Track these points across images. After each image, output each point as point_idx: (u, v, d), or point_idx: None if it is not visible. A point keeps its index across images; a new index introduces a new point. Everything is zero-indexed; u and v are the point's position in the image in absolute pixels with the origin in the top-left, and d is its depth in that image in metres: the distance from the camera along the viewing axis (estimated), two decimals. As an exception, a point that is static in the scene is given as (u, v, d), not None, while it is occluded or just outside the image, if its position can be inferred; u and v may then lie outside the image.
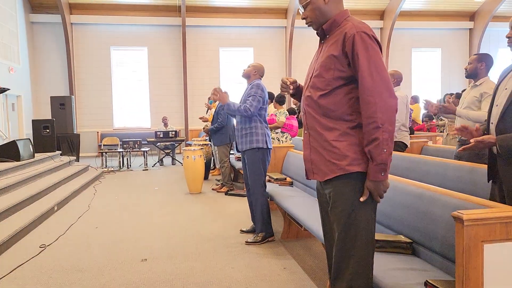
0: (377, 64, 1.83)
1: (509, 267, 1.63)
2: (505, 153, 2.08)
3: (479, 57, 3.81)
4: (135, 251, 3.99)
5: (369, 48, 1.84)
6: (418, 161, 4.22)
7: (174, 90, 13.95)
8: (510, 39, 2.22)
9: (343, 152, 1.92)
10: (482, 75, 3.78)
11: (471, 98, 3.78)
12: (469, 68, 3.80)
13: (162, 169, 10.08)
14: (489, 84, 3.72)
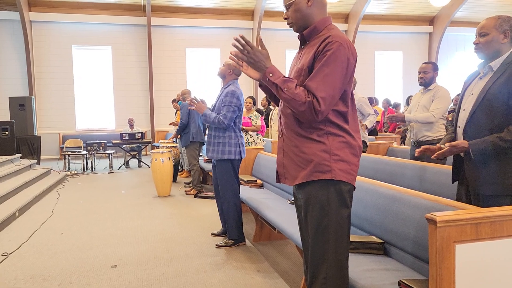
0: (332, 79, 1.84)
1: (479, 266, 1.70)
2: (477, 156, 2.17)
3: (434, 66, 4.13)
4: (104, 258, 3.89)
5: (335, 62, 1.84)
6: (385, 162, 4.34)
7: (140, 91, 13.70)
8: (477, 45, 2.31)
9: (310, 158, 1.94)
10: (434, 81, 4.11)
11: (425, 101, 4.06)
12: (426, 77, 4.08)
13: (128, 172, 9.87)
14: (439, 88, 4.05)
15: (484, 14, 15.54)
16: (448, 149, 2.25)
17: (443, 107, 3.93)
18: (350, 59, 1.88)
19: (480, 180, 2.22)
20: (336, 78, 1.84)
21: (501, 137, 2.11)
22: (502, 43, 2.27)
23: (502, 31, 2.25)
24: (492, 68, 2.28)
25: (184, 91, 7.35)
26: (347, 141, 1.94)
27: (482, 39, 2.31)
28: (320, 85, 1.83)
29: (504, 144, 2.09)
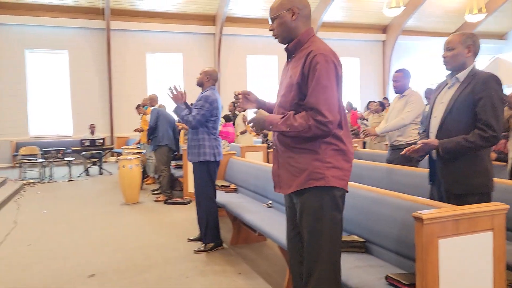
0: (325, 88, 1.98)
1: (458, 257, 1.89)
2: (446, 154, 2.39)
3: (405, 74, 4.33)
4: (80, 267, 3.83)
5: (328, 73, 1.98)
6: (354, 165, 4.55)
7: (99, 96, 13.36)
8: (445, 58, 2.54)
9: (304, 167, 2.06)
10: (407, 87, 4.30)
11: (399, 107, 4.27)
12: (398, 85, 4.29)
13: (89, 180, 9.61)
14: (412, 94, 4.24)
15: (431, 24, 16.52)
16: (421, 146, 2.47)
17: (414, 111, 4.12)
18: (337, 67, 2.02)
19: (451, 180, 2.44)
20: (332, 88, 1.97)
21: (466, 138, 2.34)
22: (466, 57, 2.51)
23: (466, 46, 2.49)
24: (458, 79, 2.52)
25: (152, 96, 7.31)
26: (340, 148, 2.07)
27: (449, 53, 2.53)
28: (321, 99, 1.95)
29: (468, 144, 2.33)
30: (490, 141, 2.31)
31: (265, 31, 14.97)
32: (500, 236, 1.96)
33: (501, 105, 2.36)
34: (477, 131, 2.33)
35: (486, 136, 2.30)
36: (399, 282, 2.06)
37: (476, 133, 2.34)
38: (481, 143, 2.31)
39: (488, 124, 2.30)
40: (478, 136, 2.31)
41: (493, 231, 1.95)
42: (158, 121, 6.71)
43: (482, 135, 2.30)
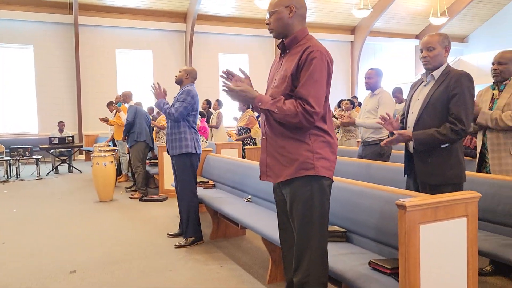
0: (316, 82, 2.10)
1: (437, 241, 2.04)
2: (419, 146, 2.55)
3: (378, 72, 4.50)
4: (59, 264, 3.79)
5: (321, 70, 2.10)
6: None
7: (67, 93, 13.04)
8: (426, 58, 2.69)
9: (295, 157, 2.17)
10: (378, 86, 4.46)
11: (371, 106, 4.44)
12: (370, 82, 4.46)
13: (59, 178, 9.40)
14: (384, 93, 4.42)
15: (397, 25, 17.07)
16: (396, 137, 2.63)
17: (389, 112, 4.32)
18: (330, 66, 2.16)
19: (427, 172, 2.61)
20: (323, 84, 2.11)
21: (438, 131, 2.52)
22: (444, 57, 2.69)
23: (443, 47, 2.66)
24: (434, 77, 2.69)
25: (126, 92, 7.23)
26: (327, 140, 2.20)
27: (430, 53, 2.68)
28: (312, 91, 2.08)
29: (440, 136, 2.51)
30: (460, 134, 2.50)
31: (237, 30, 15.11)
32: (473, 222, 2.12)
33: (472, 101, 2.55)
34: (448, 125, 2.51)
35: (456, 129, 2.48)
36: (382, 266, 2.19)
37: (447, 126, 2.51)
38: (451, 136, 2.50)
39: (458, 118, 2.49)
40: (449, 129, 2.49)
41: (467, 217, 2.11)
42: (136, 117, 6.67)
43: (453, 128, 2.49)
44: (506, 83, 3.14)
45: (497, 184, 2.85)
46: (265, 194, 3.91)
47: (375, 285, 2.06)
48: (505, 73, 3.12)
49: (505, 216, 2.75)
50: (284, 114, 2.09)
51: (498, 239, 2.65)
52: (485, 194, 2.81)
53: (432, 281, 2.02)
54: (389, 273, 2.15)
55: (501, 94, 3.15)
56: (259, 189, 4.06)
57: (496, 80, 3.19)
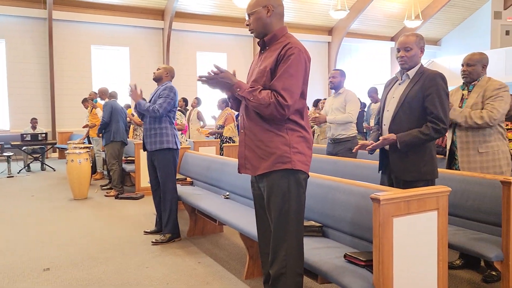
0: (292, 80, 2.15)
1: (409, 234, 2.12)
2: (404, 147, 2.62)
3: (341, 73, 4.77)
4: (32, 261, 3.72)
5: (298, 65, 2.16)
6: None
7: (40, 89, 12.73)
8: (403, 58, 2.76)
9: (273, 151, 2.22)
10: (342, 86, 4.69)
11: (338, 104, 4.65)
12: (335, 81, 4.70)
13: (31, 176, 9.18)
14: (348, 92, 4.67)
15: (373, 27, 17.37)
16: (381, 142, 2.69)
17: (356, 109, 4.54)
18: (307, 63, 2.22)
19: (402, 169, 2.69)
20: (298, 79, 2.16)
21: (421, 131, 2.60)
22: (419, 57, 2.78)
23: (419, 47, 2.75)
24: (409, 76, 2.77)
25: (103, 89, 7.11)
26: (304, 136, 2.25)
27: (407, 53, 2.76)
28: (286, 84, 2.13)
29: (424, 136, 2.59)
30: (442, 132, 2.60)
31: (215, 28, 15.06)
32: (443, 215, 2.21)
33: (447, 100, 2.64)
34: (430, 124, 2.59)
35: (438, 128, 2.58)
36: (357, 259, 2.25)
37: (429, 126, 2.60)
38: (434, 135, 2.59)
39: (439, 118, 2.58)
40: (431, 128, 2.58)
41: (438, 210, 2.20)
42: (112, 116, 6.58)
43: (435, 128, 2.58)
44: (474, 83, 3.26)
45: (466, 181, 2.96)
46: (243, 190, 3.94)
47: (350, 277, 2.12)
48: (474, 74, 3.23)
49: (474, 211, 2.86)
50: (258, 103, 2.14)
51: (467, 233, 2.76)
52: (455, 190, 2.92)
53: (404, 272, 2.09)
54: (364, 265, 2.21)
55: (469, 94, 3.26)
56: (237, 186, 4.08)
57: (465, 81, 3.30)
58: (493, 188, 2.75)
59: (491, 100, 3.10)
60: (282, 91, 2.12)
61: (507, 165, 3.15)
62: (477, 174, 2.96)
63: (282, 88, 2.13)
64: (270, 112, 2.13)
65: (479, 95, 3.18)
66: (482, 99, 3.15)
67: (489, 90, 3.14)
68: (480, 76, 3.23)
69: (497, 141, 3.17)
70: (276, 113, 2.13)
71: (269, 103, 2.12)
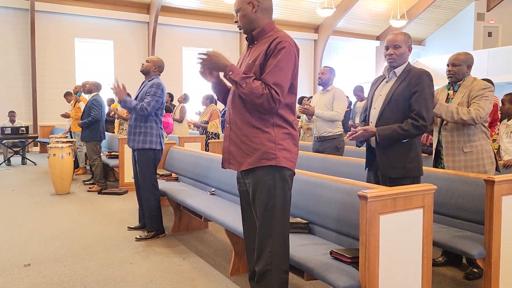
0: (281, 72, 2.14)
1: (395, 231, 2.13)
2: (382, 141, 2.63)
3: (331, 70, 4.76)
4: (12, 257, 3.64)
5: (288, 59, 2.15)
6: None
7: (20, 81, 12.44)
8: (392, 56, 2.78)
9: (257, 147, 2.21)
10: (330, 83, 4.67)
11: (325, 101, 4.65)
12: (324, 77, 4.70)
13: (11, 170, 8.98)
14: (336, 90, 4.66)
15: (359, 26, 17.47)
16: (361, 133, 2.70)
17: (343, 107, 4.54)
18: (296, 57, 2.21)
19: (388, 166, 2.71)
20: (288, 73, 2.15)
21: (401, 126, 2.63)
22: (407, 55, 2.80)
23: (407, 46, 2.77)
24: (396, 74, 2.79)
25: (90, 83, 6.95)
26: (290, 132, 2.25)
27: (396, 51, 2.78)
28: (277, 79, 2.12)
29: (402, 132, 2.62)
30: (421, 129, 2.61)
31: (201, 23, 14.94)
32: (429, 213, 2.23)
33: (431, 98, 2.66)
34: (410, 121, 2.61)
35: (418, 125, 2.59)
36: (343, 256, 2.26)
37: (409, 122, 2.61)
38: (413, 131, 2.61)
39: (420, 115, 2.60)
40: (411, 124, 2.60)
41: (424, 208, 2.22)
42: (101, 113, 6.47)
43: (415, 124, 2.59)
44: (460, 83, 3.29)
45: (450, 179, 3.00)
46: (229, 186, 3.92)
47: (336, 273, 2.12)
48: (459, 74, 3.27)
49: (458, 209, 2.90)
50: (251, 91, 2.11)
51: (451, 231, 2.79)
52: (439, 188, 2.95)
53: (389, 269, 2.11)
54: (350, 262, 2.22)
55: (455, 94, 3.30)
56: (223, 182, 4.06)
57: (450, 80, 3.34)
58: (477, 187, 2.79)
59: (477, 99, 3.14)
60: (273, 86, 2.11)
61: (490, 164, 3.19)
62: (461, 173, 2.99)
63: (274, 82, 2.11)
64: (261, 103, 2.11)
65: (465, 95, 3.21)
66: (467, 98, 3.19)
67: (475, 90, 3.17)
68: (465, 76, 3.26)
69: (481, 140, 3.21)
70: (266, 105, 2.12)
71: (262, 94, 2.10)
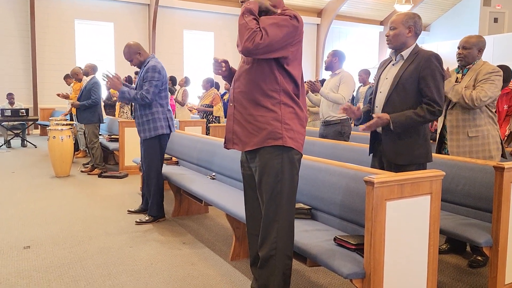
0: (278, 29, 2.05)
1: (402, 218, 2.08)
2: (397, 128, 2.55)
3: (333, 53, 4.65)
4: (12, 240, 3.61)
5: (286, 21, 2.08)
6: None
7: (21, 63, 12.32)
8: (388, 37, 2.70)
9: (263, 126, 2.14)
10: (337, 67, 4.57)
11: (332, 84, 4.54)
12: (327, 61, 4.63)
13: (12, 152, 8.94)
14: (344, 73, 4.53)
15: (363, 10, 17.21)
16: (375, 121, 2.60)
17: (349, 91, 4.43)
18: (299, 28, 2.11)
19: (394, 152, 2.63)
20: (282, 31, 2.05)
21: (416, 112, 2.53)
22: (407, 37, 2.68)
23: (407, 27, 2.66)
24: (403, 56, 2.70)
25: (87, 65, 6.86)
26: (296, 112, 2.18)
27: (391, 32, 2.70)
28: (268, 27, 2.02)
29: (418, 118, 2.53)
30: (437, 114, 2.54)
31: (203, 6, 14.75)
32: (436, 199, 2.17)
33: (442, 80, 2.58)
34: (425, 106, 2.52)
35: (433, 110, 2.52)
36: (347, 242, 2.21)
37: (424, 108, 2.53)
38: (429, 117, 2.53)
39: (434, 100, 2.52)
40: (426, 110, 2.52)
41: (431, 195, 2.16)
42: (100, 97, 6.42)
43: (431, 110, 2.51)
44: (469, 67, 3.21)
45: (457, 166, 2.93)
46: (229, 171, 3.86)
47: (340, 260, 2.07)
48: (469, 57, 3.18)
49: (464, 196, 2.84)
50: (246, 22, 2.02)
51: (457, 219, 2.74)
52: (445, 174, 2.88)
53: (395, 256, 2.06)
54: (354, 248, 2.17)
55: (463, 78, 3.22)
56: (224, 167, 4.00)
57: (460, 64, 3.25)
58: (484, 174, 2.73)
59: (482, 83, 3.06)
60: (263, 29, 2.01)
61: (496, 150, 3.13)
62: (469, 159, 2.93)
63: (263, 27, 2.02)
64: (247, 37, 1.99)
65: (472, 79, 3.13)
66: (474, 82, 3.11)
67: (482, 73, 3.10)
68: (476, 60, 3.18)
69: (487, 125, 3.15)
70: (250, 40, 1.99)
71: (252, 28, 2.00)
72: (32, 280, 2.84)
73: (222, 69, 2.37)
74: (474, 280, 2.92)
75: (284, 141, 2.12)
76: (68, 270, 3.00)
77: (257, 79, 2.14)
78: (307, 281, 2.87)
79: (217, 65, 2.37)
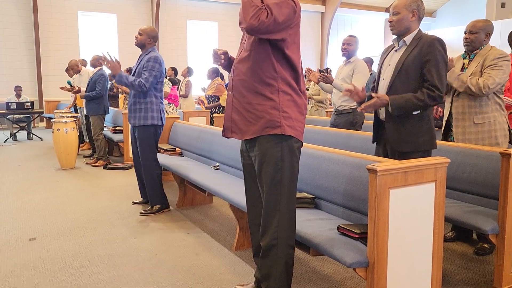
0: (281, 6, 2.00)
1: (406, 206, 2.05)
2: (395, 110, 2.51)
3: (355, 39, 4.50)
4: (18, 231, 3.63)
5: (284, 2, 2.02)
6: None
7: (25, 56, 12.33)
8: (391, 23, 2.64)
9: (261, 114, 2.11)
10: (353, 54, 4.42)
11: (346, 73, 4.41)
12: (350, 49, 4.44)
13: (18, 145, 8.99)
14: (359, 61, 4.40)
15: (368, -3, 17.00)
16: (374, 100, 2.56)
17: (363, 81, 4.27)
18: (297, 10, 2.06)
19: (399, 140, 2.59)
20: (284, 12, 1.99)
21: (416, 96, 2.49)
22: (411, 21, 2.63)
23: (410, 11, 2.60)
24: (405, 42, 2.64)
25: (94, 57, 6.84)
26: (294, 100, 2.14)
27: (394, 17, 2.64)
28: (272, 6, 1.97)
29: (418, 102, 2.48)
30: (437, 100, 2.48)
31: (206, -5, 14.57)
32: (441, 187, 2.14)
33: (444, 66, 2.52)
34: (426, 90, 2.48)
35: (434, 95, 2.47)
36: (351, 231, 2.18)
37: (425, 92, 2.48)
38: (429, 102, 2.48)
39: (434, 85, 2.47)
40: (426, 94, 2.47)
41: (436, 182, 2.12)
42: (106, 90, 6.40)
43: (431, 94, 2.46)
44: (476, 52, 3.14)
45: (463, 153, 2.89)
46: (233, 161, 3.85)
47: (343, 249, 2.05)
48: (476, 42, 3.12)
49: (470, 183, 2.80)
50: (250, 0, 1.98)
51: (463, 206, 2.70)
52: (451, 162, 2.84)
53: (399, 245, 2.03)
54: (357, 237, 2.14)
55: (470, 64, 3.15)
56: (227, 157, 3.98)
57: (467, 49, 3.19)
58: (490, 161, 2.69)
59: (489, 69, 2.99)
60: (267, 7, 1.97)
61: (503, 137, 3.07)
62: (475, 146, 2.88)
63: (267, 5, 1.97)
64: (252, 15, 1.95)
65: (479, 64, 3.07)
66: (481, 68, 3.05)
67: (489, 59, 3.03)
68: (483, 45, 3.11)
69: (494, 112, 3.09)
70: (255, 17, 1.95)
71: (257, 7, 1.95)
72: (37, 271, 2.85)
73: (222, 61, 2.34)
74: (481, 267, 2.89)
75: (282, 130, 2.09)
76: (73, 261, 3.01)
77: (255, 67, 2.11)
78: (310, 270, 2.86)
79: (216, 56, 2.34)
